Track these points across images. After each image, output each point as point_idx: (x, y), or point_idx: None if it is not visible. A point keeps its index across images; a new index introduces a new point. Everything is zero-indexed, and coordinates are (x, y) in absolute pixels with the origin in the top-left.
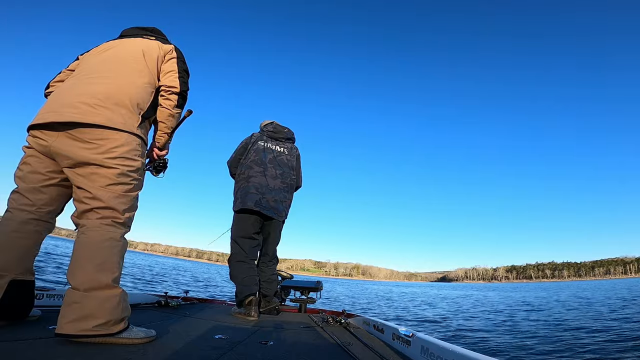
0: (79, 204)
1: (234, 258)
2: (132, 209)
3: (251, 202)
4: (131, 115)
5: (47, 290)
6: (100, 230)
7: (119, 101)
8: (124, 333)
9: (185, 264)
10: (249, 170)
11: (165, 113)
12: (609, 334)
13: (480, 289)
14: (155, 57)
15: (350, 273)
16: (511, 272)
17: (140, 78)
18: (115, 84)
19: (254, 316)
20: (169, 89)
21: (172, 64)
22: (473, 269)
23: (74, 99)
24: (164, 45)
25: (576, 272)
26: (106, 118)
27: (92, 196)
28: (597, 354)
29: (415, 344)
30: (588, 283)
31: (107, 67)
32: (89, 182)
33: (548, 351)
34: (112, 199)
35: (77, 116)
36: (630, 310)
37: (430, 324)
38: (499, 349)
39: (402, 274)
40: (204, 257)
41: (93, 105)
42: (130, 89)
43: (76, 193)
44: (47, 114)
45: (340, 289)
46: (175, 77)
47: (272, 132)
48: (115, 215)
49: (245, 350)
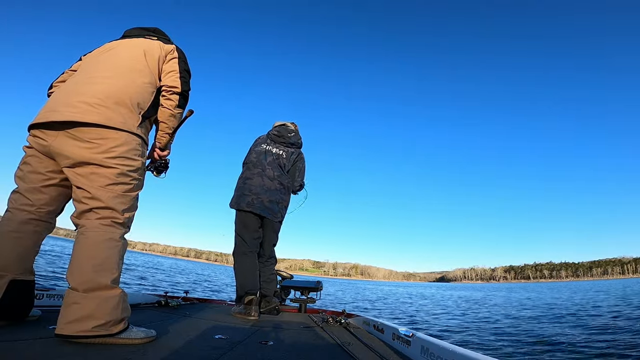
0: (79, 204)
1: (236, 250)
2: (131, 209)
3: (244, 203)
4: (131, 114)
5: (47, 290)
6: (100, 230)
7: (119, 100)
8: (124, 333)
9: (187, 265)
10: (247, 171)
11: (166, 113)
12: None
13: (489, 289)
14: (156, 57)
15: (349, 273)
16: (509, 273)
17: (141, 78)
18: (116, 83)
19: (254, 316)
20: (170, 89)
21: (173, 64)
22: (471, 269)
23: (73, 98)
24: (166, 45)
25: (574, 272)
26: (106, 117)
27: (92, 196)
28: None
29: (415, 344)
30: (587, 283)
31: (107, 66)
32: (89, 182)
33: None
34: (111, 199)
35: (76, 115)
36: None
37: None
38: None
39: (401, 274)
40: (203, 257)
41: (93, 105)
42: (130, 89)
43: (76, 193)
44: (47, 113)
45: (331, 289)
46: (177, 77)
47: (275, 135)
48: (114, 216)
49: (245, 350)
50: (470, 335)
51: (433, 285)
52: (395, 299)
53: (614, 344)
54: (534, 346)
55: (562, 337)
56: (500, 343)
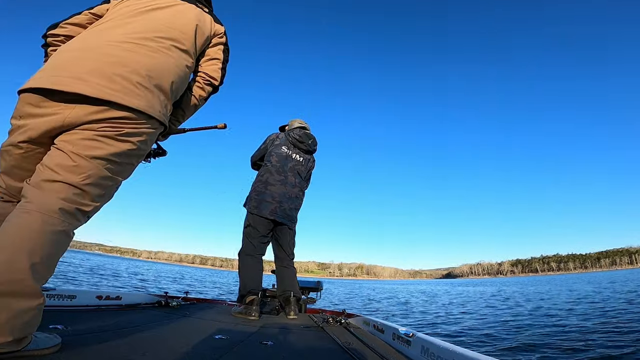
0: (44, 170)
1: (243, 251)
2: (105, 198)
3: (266, 211)
4: (168, 103)
5: (47, 290)
6: (54, 218)
7: (161, 84)
8: (31, 344)
9: (202, 272)
10: (268, 175)
11: (192, 101)
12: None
13: (503, 283)
14: (206, 36)
15: (355, 273)
16: (516, 266)
17: (185, 60)
18: (162, 60)
19: (254, 316)
20: (208, 80)
21: (218, 51)
22: (478, 264)
23: (109, 68)
24: (216, 25)
25: (582, 263)
26: (148, 103)
27: (72, 165)
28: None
29: (416, 344)
30: (596, 275)
31: (153, 33)
32: (75, 148)
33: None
34: (92, 177)
35: (116, 95)
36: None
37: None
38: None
39: (407, 272)
40: (208, 263)
41: (135, 84)
42: (173, 71)
43: (50, 156)
44: (67, 79)
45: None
46: (219, 68)
47: (297, 140)
48: (82, 202)
49: (245, 350)
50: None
51: (441, 282)
52: (429, 300)
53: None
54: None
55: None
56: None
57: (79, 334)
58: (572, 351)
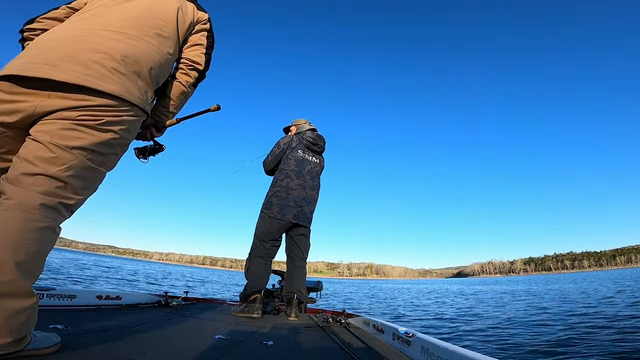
0: (22, 163)
1: (254, 253)
2: (89, 191)
3: (290, 215)
4: (148, 90)
5: (47, 290)
6: (36, 213)
7: (139, 70)
8: (31, 344)
9: (204, 272)
10: (288, 180)
11: (179, 89)
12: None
13: (524, 282)
14: (188, 23)
15: (364, 273)
16: (529, 265)
17: (167, 46)
18: (140, 47)
19: (257, 314)
20: (191, 64)
21: (201, 37)
22: (489, 262)
23: (83, 54)
24: (199, 13)
25: (597, 261)
26: (125, 88)
27: (51, 157)
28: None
29: (416, 344)
30: (614, 272)
31: (132, 21)
32: (52, 138)
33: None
34: (73, 168)
35: (89, 80)
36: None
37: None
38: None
39: (417, 271)
40: (218, 264)
41: (110, 69)
42: (154, 58)
43: (26, 147)
44: (41, 65)
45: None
46: (202, 53)
47: (311, 142)
48: (65, 195)
49: (245, 350)
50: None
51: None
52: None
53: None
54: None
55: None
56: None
57: (79, 333)
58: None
